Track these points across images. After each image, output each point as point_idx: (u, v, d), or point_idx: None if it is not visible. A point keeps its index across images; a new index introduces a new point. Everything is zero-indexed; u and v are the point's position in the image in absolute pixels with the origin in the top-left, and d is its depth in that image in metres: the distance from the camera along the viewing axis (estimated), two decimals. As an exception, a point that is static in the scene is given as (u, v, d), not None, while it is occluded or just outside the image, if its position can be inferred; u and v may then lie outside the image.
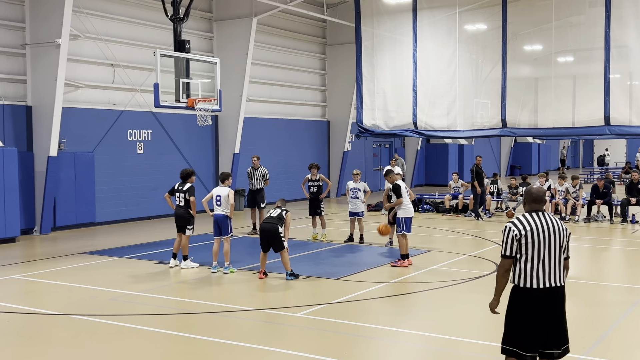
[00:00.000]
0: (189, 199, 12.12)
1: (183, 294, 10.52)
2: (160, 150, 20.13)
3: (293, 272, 11.11)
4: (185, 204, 12.17)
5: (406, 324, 8.64)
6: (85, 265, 12.67)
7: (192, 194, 12.15)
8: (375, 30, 20.73)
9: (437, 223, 19.08)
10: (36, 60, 16.58)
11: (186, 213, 12.18)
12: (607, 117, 17.15)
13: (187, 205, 12.16)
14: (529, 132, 19.55)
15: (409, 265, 12.23)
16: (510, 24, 18.46)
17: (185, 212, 12.19)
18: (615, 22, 16.91)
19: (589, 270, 12.60)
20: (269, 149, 23.53)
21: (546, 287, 5.37)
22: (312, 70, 26.83)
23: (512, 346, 5.44)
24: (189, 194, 12.13)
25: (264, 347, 7.57)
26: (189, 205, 12.15)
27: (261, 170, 16.48)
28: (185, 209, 12.18)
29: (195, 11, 20.18)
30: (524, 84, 19.07)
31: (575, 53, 18.57)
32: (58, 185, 16.93)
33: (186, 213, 12.18)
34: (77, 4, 17.14)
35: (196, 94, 13.75)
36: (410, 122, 20.03)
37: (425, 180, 34.01)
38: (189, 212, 12.17)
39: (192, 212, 12.20)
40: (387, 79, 20.57)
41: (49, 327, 8.55)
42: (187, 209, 12.17)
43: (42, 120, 16.46)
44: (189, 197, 12.12)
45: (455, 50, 19.49)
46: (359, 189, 15.01)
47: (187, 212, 12.17)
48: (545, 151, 46.21)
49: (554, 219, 5.50)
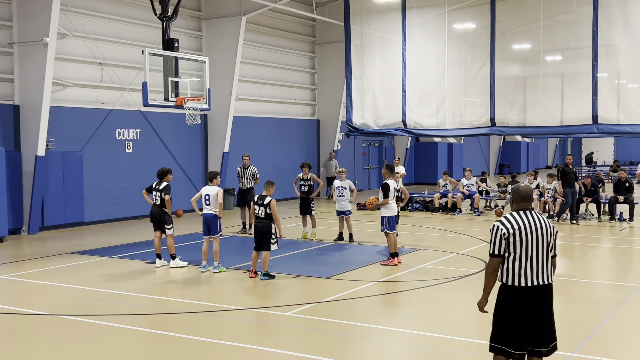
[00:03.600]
0: (164, 197, 12.04)
1: (172, 293, 10.49)
2: (149, 150, 20.06)
3: (268, 273, 11.09)
4: (161, 203, 12.09)
5: (396, 323, 8.66)
6: (74, 265, 12.61)
7: (167, 192, 12.04)
8: (364, 29, 20.75)
9: (427, 222, 19.13)
10: (24, 59, 16.47)
11: (162, 212, 12.11)
12: (595, 116, 17.25)
13: (162, 204, 12.09)
14: (517, 131, 19.65)
15: (398, 263, 12.25)
16: (499, 22, 18.53)
17: (160, 211, 12.11)
18: (603, 21, 17.01)
19: (577, 268, 12.68)
20: (258, 148, 23.50)
21: (534, 285, 5.39)
22: (301, 69, 26.82)
23: (501, 344, 5.46)
24: (164, 193, 12.05)
25: (253, 346, 7.56)
26: (165, 204, 12.08)
27: (251, 169, 16.44)
28: (161, 207, 12.10)
29: (184, 10, 20.12)
30: (512, 82, 19.15)
31: (564, 52, 18.67)
32: (46, 185, 16.83)
33: (162, 212, 12.11)
34: (65, 3, 17.04)
35: (185, 93, 13.71)
36: (399, 120, 20.07)
37: (415, 179, 34.09)
38: (164, 211, 12.10)
39: (167, 211, 12.12)
40: (377, 78, 20.60)
41: (38, 328, 8.50)
42: (162, 208, 12.10)
43: (30, 120, 16.36)
44: (164, 195, 12.04)
45: (444, 49, 19.53)
46: (344, 187, 15.02)
47: (163, 210, 12.10)
48: (534, 149, 46.44)
49: (541, 217, 5.53)
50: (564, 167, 18.79)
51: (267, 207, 10.97)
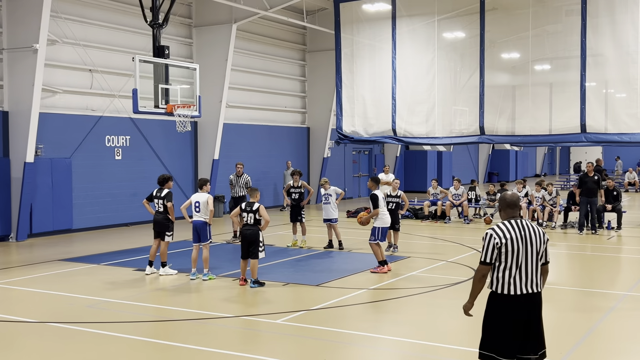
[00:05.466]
0: (167, 204, 12.04)
1: (162, 301, 10.45)
2: (138, 157, 20.00)
3: (258, 280, 11.08)
4: (164, 210, 12.10)
5: (386, 330, 8.67)
6: (62, 272, 12.54)
7: (169, 199, 12.07)
8: (354, 38, 20.84)
9: (416, 229, 19.17)
10: (13, 65, 16.40)
11: (165, 219, 12.11)
12: (583, 125, 17.38)
13: (165, 211, 12.10)
14: (506, 140, 19.75)
15: (388, 271, 12.26)
16: (488, 32, 18.66)
17: (164, 218, 12.11)
18: (591, 31, 17.17)
19: (566, 275, 12.74)
20: (248, 156, 23.48)
21: (524, 294, 5.41)
22: (292, 76, 26.86)
23: (490, 352, 5.48)
24: (166, 200, 12.06)
25: (243, 354, 7.54)
26: (168, 211, 12.08)
27: (244, 177, 16.32)
28: (164, 214, 12.11)
29: (174, 17, 20.12)
30: (501, 91, 19.27)
31: (552, 61, 18.82)
32: (35, 192, 16.74)
33: (165, 219, 12.11)
34: (55, 9, 17.01)
35: (175, 100, 13.70)
36: (389, 128, 20.14)
37: (405, 187, 34.11)
38: (168, 218, 12.10)
39: (171, 218, 12.13)
40: (367, 86, 20.68)
41: (25, 335, 8.44)
42: (165, 215, 12.10)
43: (19, 126, 16.28)
44: (167, 202, 12.05)
45: (434, 58, 19.64)
46: (329, 195, 15.08)
47: (166, 218, 12.11)
48: (522, 158, 46.67)
49: (532, 225, 5.56)
50: (582, 175, 18.31)
51: (256, 214, 10.97)
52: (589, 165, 18.45)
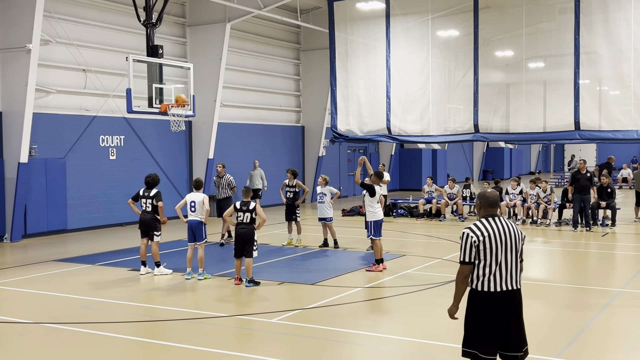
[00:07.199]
0: (157, 204, 12.01)
1: (156, 300, 10.43)
2: (133, 156, 19.97)
3: (253, 279, 11.07)
4: (153, 210, 12.06)
5: (381, 329, 8.67)
6: (57, 272, 12.51)
7: (159, 199, 12.03)
8: (349, 36, 20.85)
9: (411, 227, 19.19)
10: (6, 66, 16.36)
11: (152, 219, 12.06)
12: (577, 122, 17.44)
13: (154, 211, 12.05)
14: (500, 137, 19.78)
15: (383, 269, 12.27)
16: (482, 30, 18.70)
17: (151, 218, 12.06)
18: (584, 29, 17.23)
19: (560, 273, 12.77)
20: (243, 155, 23.48)
21: (503, 291, 5.44)
22: (286, 75, 26.86)
23: (472, 349, 5.52)
24: (156, 200, 12.01)
25: (238, 353, 7.54)
26: (157, 211, 12.04)
27: (226, 178, 16.16)
28: (152, 214, 12.06)
29: (168, 16, 20.09)
30: (495, 89, 19.32)
31: (546, 59, 18.86)
32: (29, 192, 16.69)
33: (152, 219, 12.06)
34: (48, 9, 16.96)
35: (169, 100, 13.67)
36: (384, 127, 20.17)
37: (399, 185, 34.19)
38: (156, 217, 12.06)
39: (160, 218, 12.08)
40: (361, 85, 20.70)
41: (20, 336, 8.42)
42: (153, 215, 12.05)
43: (13, 126, 16.23)
44: (157, 202, 12.00)
45: (428, 56, 19.67)
46: (324, 194, 15.05)
47: (154, 217, 12.05)
48: (517, 156, 46.78)
49: (509, 223, 5.58)
50: (575, 172, 18.15)
51: (252, 212, 10.97)
52: (581, 163, 18.47)
